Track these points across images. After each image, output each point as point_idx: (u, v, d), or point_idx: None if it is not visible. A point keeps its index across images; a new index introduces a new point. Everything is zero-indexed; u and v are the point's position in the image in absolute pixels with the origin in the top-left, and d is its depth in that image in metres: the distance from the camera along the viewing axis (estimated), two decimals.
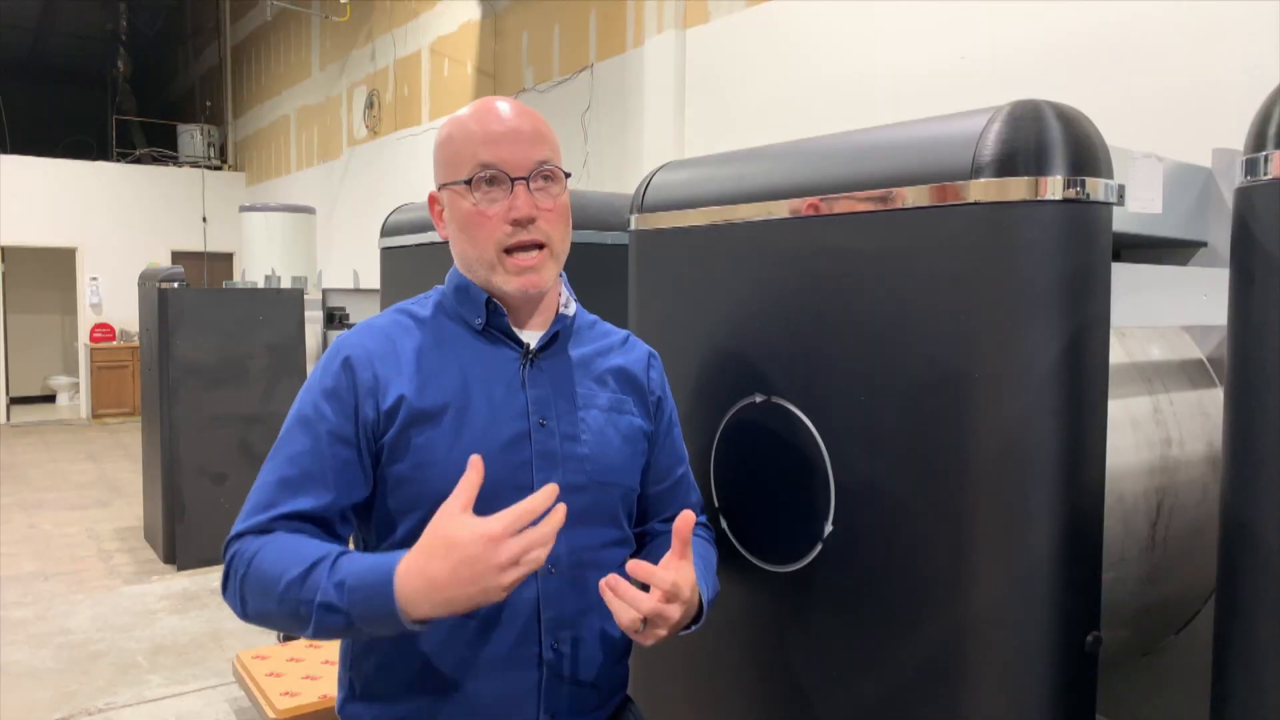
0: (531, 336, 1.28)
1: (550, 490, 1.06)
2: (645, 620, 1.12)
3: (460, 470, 1.15)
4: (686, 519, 1.17)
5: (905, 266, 1.31)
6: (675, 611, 1.14)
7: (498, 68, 6.50)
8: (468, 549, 1.02)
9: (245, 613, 1.16)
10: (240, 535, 1.17)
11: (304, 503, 1.17)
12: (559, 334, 1.30)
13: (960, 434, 1.25)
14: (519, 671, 1.21)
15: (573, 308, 1.34)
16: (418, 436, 1.19)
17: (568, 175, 1.27)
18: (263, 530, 1.16)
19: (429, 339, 1.26)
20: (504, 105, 1.23)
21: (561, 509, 1.06)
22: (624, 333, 1.43)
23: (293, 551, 1.11)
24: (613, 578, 1.14)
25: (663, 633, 1.15)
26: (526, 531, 1.03)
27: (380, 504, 1.22)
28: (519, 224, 1.19)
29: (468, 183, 1.20)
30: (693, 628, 1.25)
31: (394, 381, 1.20)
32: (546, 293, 1.28)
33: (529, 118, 1.23)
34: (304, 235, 6.81)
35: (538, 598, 1.21)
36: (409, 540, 1.19)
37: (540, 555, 1.04)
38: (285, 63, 10.76)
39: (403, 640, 1.20)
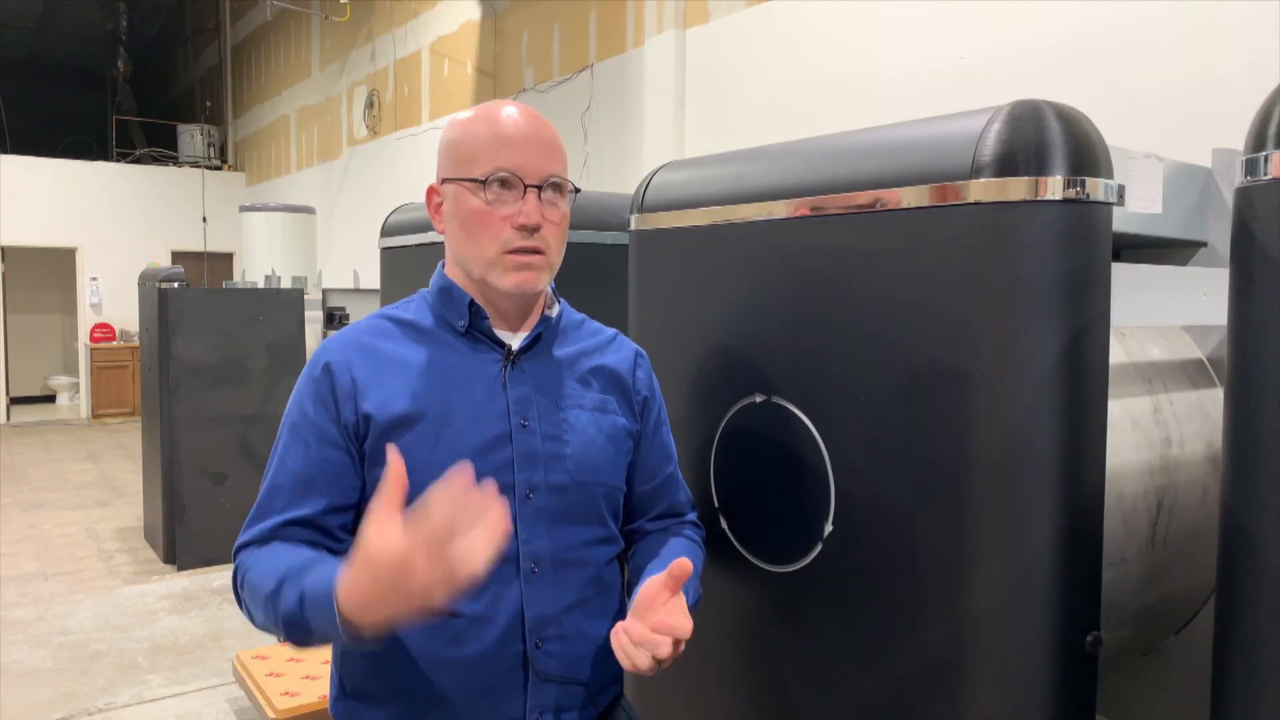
0: (514, 339, 1.29)
1: (459, 477, 0.95)
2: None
3: (441, 473, 1.14)
4: (684, 567, 1.16)
5: (905, 267, 1.31)
6: (666, 648, 1.14)
7: (498, 68, 6.50)
8: (382, 569, 0.95)
9: (254, 623, 1.18)
10: (244, 547, 1.20)
11: (300, 509, 1.19)
12: (542, 335, 1.31)
13: (960, 434, 1.25)
14: (504, 669, 1.21)
15: (556, 309, 1.34)
16: (398, 440, 1.19)
17: (576, 191, 1.29)
18: (262, 541, 1.19)
19: (410, 342, 1.27)
20: (523, 112, 1.25)
21: (488, 494, 0.97)
22: (612, 331, 1.43)
23: (273, 564, 1.13)
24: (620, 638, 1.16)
25: (648, 666, 1.16)
26: (444, 549, 0.93)
27: (364, 506, 1.22)
28: (524, 230, 1.21)
29: (482, 182, 1.20)
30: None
31: (373, 386, 1.21)
32: (538, 295, 1.29)
33: (547, 128, 1.26)
34: (304, 235, 6.82)
35: (521, 596, 1.22)
36: None
37: (469, 563, 0.94)
38: (285, 63, 10.76)
39: (390, 638, 1.21)
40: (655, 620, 1.15)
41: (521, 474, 1.23)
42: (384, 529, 0.96)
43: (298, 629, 1.07)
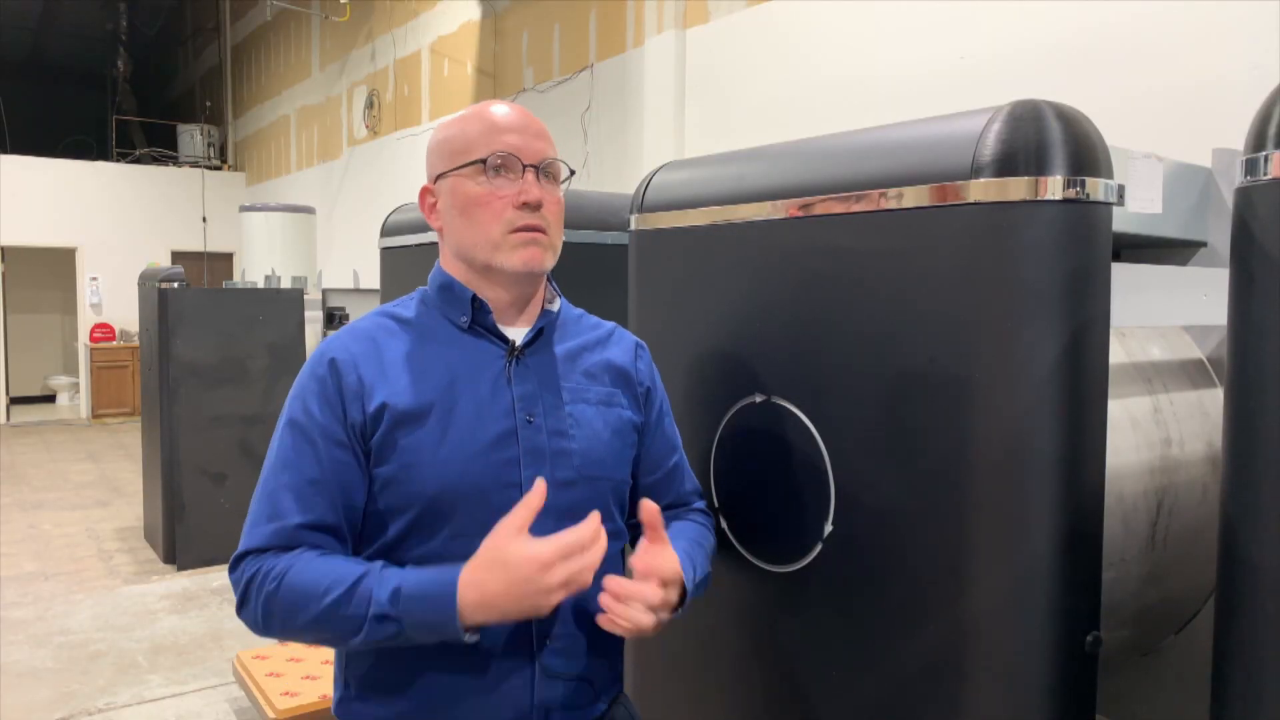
0: (517, 334, 1.29)
1: (594, 521, 1.15)
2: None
3: (447, 470, 1.18)
4: (649, 509, 1.24)
5: (905, 266, 1.31)
6: (654, 593, 1.19)
7: (498, 68, 6.50)
8: (521, 570, 1.10)
9: (268, 629, 1.17)
10: (255, 552, 1.17)
11: (309, 514, 1.17)
12: (544, 330, 1.30)
13: (960, 434, 1.25)
14: (512, 668, 1.21)
15: (557, 304, 1.35)
16: (404, 438, 1.19)
17: (572, 173, 1.31)
18: (279, 547, 1.17)
19: (413, 339, 1.26)
20: (512, 106, 1.28)
21: (603, 541, 1.15)
22: (611, 325, 1.43)
23: (331, 570, 1.14)
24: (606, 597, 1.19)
25: (650, 620, 1.18)
26: (575, 559, 1.12)
27: (370, 505, 1.22)
28: (527, 207, 1.22)
29: (482, 162, 1.22)
30: (678, 611, 1.27)
31: (378, 384, 1.20)
32: (541, 280, 1.30)
33: (537, 119, 1.29)
34: (304, 235, 6.82)
35: None
36: (400, 541, 1.20)
37: (586, 579, 1.13)
38: (285, 63, 10.77)
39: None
40: (640, 565, 1.20)
41: (527, 471, 1.22)
42: (521, 536, 1.12)
43: (388, 625, 1.11)
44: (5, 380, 11.51)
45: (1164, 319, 1.63)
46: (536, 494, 1.14)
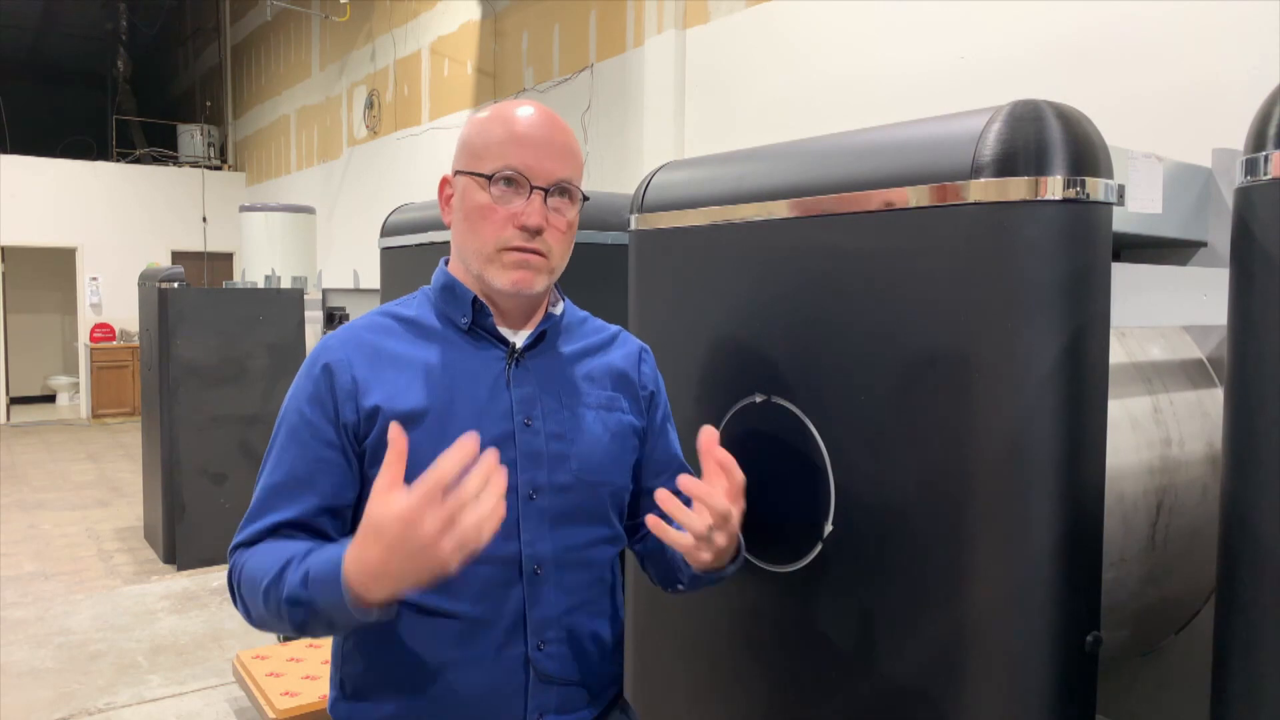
0: (518, 336, 1.28)
1: (467, 443, 0.98)
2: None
3: None
4: (709, 435, 1.21)
5: (905, 266, 1.31)
6: (721, 539, 1.19)
7: (498, 68, 6.50)
8: (389, 531, 0.97)
9: (251, 620, 1.18)
10: (238, 547, 1.19)
11: (292, 510, 1.18)
12: (546, 333, 1.29)
13: (961, 434, 1.25)
14: (506, 671, 1.21)
15: (560, 307, 1.33)
16: None
17: (585, 199, 1.28)
18: (255, 543, 1.18)
19: (412, 339, 1.25)
20: (540, 113, 1.24)
21: (492, 461, 0.99)
22: (615, 328, 1.42)
23: (271, 555, 1.13)
24: (666, 495, 1.17)
25: (707, 557, 1.19)
26: (449, 500, 0.96)
27: (364, 508, 1.21)
28: (526, 230, 1.20)
29: (488, 177, 1.20)
30: (730, 568, 1.29)
31: (374, 384, 1.20)
32: (535, 296, 1.27)
33: (563, 133, 1.25)
34: (304, 235, 6.81)
35: (524, 599, 1.21)
36: None
37: (477, 525, 0.97)
38: (285, 63, 10.76)
39: (391, 640, 1.20)
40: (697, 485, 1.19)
41: (524, 474, 1.22)
42: (389, 495, 0.98)
43: (301, 610, 1.06)
44: (5, 380, 11.51)
45: (1164, 319, 1.63)
46: (397, 441, 1.00)
